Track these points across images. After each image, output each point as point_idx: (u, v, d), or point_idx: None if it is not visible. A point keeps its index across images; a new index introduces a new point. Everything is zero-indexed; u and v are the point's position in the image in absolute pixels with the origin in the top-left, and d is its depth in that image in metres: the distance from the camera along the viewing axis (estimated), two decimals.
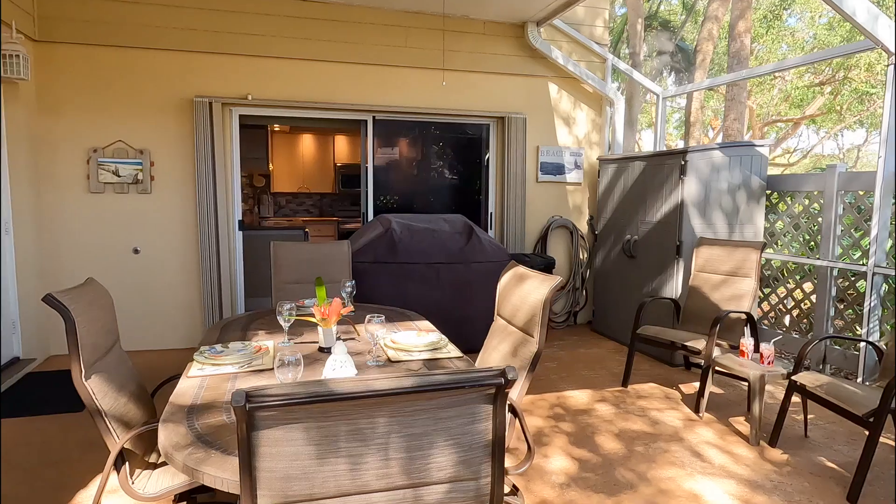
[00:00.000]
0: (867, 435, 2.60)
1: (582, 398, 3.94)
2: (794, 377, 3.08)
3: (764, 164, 4.74)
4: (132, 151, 4.83)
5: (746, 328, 3.67)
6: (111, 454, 1.86)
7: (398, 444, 1.18)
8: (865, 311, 4.00)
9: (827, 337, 3.94)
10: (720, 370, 3.59)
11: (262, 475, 1.12)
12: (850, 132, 15.96)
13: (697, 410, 3.62)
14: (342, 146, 8.80)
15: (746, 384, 3.52)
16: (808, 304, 4.66)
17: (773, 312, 4.95)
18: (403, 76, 5.47)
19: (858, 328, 4.17)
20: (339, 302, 2.41)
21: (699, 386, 3.64)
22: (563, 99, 5.98)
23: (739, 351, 3.48)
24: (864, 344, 3.95)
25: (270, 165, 8.51)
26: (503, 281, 2.63)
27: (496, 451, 1.27)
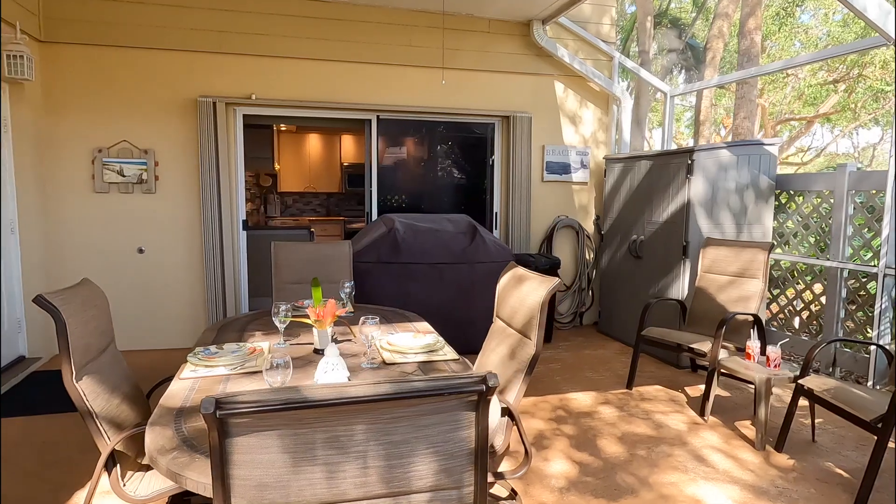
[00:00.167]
0: (875, 440, 2.53)
1: (585, 400, 3.89)
2: (800, 381, 3.02)
3: (773, 163, 4.65)
4: (137, 151, 4.85)
5: (753, 330, 3.60)
6: (101, 456, 1.85)
7: (377, 451, 1.15)
8: (876, 313, 3.91)
9: (834, 340, 3.86)
10: (726, 373, 3.53)
11: (235, 483, 1.09)
12: (864, 130, 15.69)
13: (702, 414, 3.56)
14: (349, 146, 8.79)
15: (753, 387, 3.46)
16: (817, 305, 4.57)
17: (782, 314, 4.87)
18: (407, 75, 5.44)
19: (869, 330, 4.08)
20: (333, 303, 2.39)
21: (705, 389, 3.57)
22: (569, 98, 5.92)
23: (746, 353, 3.41)
24: (874, 347, 3.87)
25: (277, 165, 8.51)
26: (502, 282, 2.60)
27: (479, 459, 1.23)
